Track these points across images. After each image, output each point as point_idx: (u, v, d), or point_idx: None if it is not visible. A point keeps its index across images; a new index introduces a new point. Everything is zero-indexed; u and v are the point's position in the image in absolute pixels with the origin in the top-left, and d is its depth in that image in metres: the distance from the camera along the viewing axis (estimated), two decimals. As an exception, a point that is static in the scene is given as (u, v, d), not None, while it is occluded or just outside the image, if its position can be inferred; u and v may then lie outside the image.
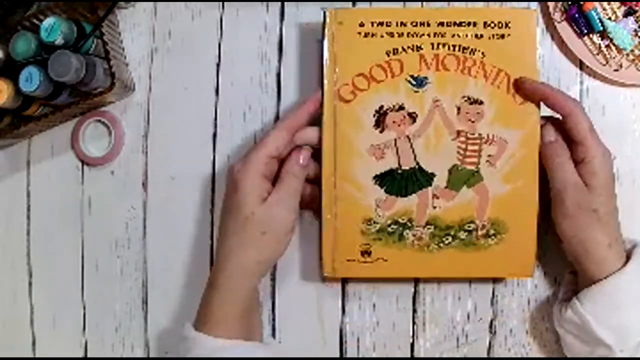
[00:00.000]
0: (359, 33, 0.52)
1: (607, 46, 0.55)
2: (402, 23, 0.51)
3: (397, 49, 0.51)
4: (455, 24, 0.51)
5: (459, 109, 0.51)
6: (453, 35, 0.51)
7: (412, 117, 0.52)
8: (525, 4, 0.57)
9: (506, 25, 0.51)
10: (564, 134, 0.51)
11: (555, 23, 0.55)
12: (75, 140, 0.61)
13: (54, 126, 0.62)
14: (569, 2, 0.55)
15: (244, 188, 0.50)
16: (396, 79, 0.52)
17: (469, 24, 0.51)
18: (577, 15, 0.54)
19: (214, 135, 0.60)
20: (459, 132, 0.52)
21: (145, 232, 0.60)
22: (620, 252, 0.49)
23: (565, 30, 0.55)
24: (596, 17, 0.54)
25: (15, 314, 0.62)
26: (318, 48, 0.55)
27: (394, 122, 0.52)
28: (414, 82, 0.52)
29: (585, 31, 0.55)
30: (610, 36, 0.54)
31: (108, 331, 0.60)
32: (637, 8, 0.54)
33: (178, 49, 0.60)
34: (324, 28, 0.52)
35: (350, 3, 0.59)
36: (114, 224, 0.61)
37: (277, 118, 0.59)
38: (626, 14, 0.55)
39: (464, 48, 0.51)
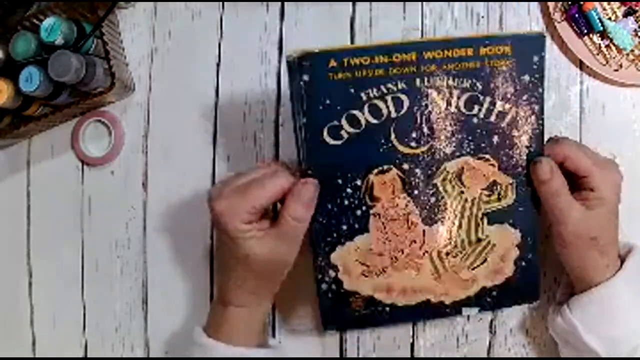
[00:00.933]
0: None
1: (607, 46, 0.55)
2: None
3: None
4: None
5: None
6: None
7: None
8: (525, 4, 0.57)
9: None
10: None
11: (555, 23, 0.55)
12: (75, 140, 0.61)
13: (54, 126, 0.62)
14: (569, 2, 0.55)
15: (233, 235, 0.45)
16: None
17: None
18: (577, 15, 0.54)
19: (214, 135, 0.60)
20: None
21: (145, 232, 0.60)
22: (614, 258, 0.49)
23: (565, 30, 0.55)
24: (596, 17, 0.54)
25: (15, 314, 0.62)
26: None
27: None
28: None
29: (585, 31, 0.55)
30: (610, 36, 0.54)
31: (108, 331, 0.60)
32: (637, 8, 0.54)
33: (178, 49, 0.60)
34: None
35: (350, 3, 0.59)
36: (114, 224, 0.61)
37: (277, 118, 0.59)
38: (626, 14, 0.55)
39: None
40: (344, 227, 0.48)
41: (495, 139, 0.47)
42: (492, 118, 0.47)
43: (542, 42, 0.46)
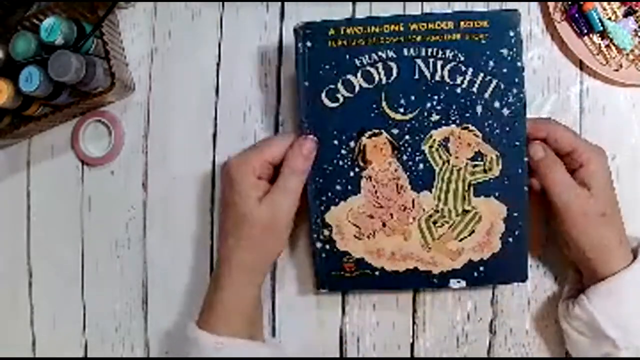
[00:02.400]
0: None
1: (607, 46, 0.55)
2: None
3: None
4: None
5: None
6: None
7: None
8: (525, 4, 0.57)
9: None
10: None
11: (555, 23, 0.55)
12: (75, 140, 0.61)
13: (54, 126, 0.62)
14: (569, 2, 0.55)
15: (239, 187, 0.50)
16: None
17: None
18: (577, 15, 0.54)
19: (214, 135, 0.60)
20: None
21: (145, 232, 0.60)
22: (628, 249, 0.49)
23: (565, 30, 0.55)
24: (596, 17, 0.54)
25: (15, 314, 0.62)
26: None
27: None
28: None
29: (585, 31, 0.55)
30: (610, 36, 0.54)
31: (108, 331, 0.61)
32: (637, 8, 0.54)
33: (178, 49, 0.60)
34: None
35: (351, 3, 0.59)
36: (114, 224, 0.61)
37: (277, 118, 0.59)
38: (626, 14, 0.55)
39: None
40: (338, 188, 0.52)
41: (479, 109, 0.50)
42: (475, 89, 0.50)
43: (516, 17, 0.49)
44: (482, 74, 0.50)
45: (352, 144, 0.51)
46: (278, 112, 0.59)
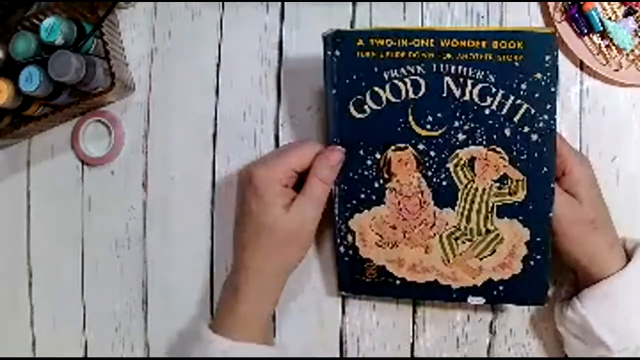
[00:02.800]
0: None
1: (607, 46, 0.55)
2: None
3: None
4: None
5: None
6: None
7: None
8: (525, 4, 0.57)
9: None
10: None
11: (555, 23, 0.55)
12: (75, 140, 0.61)
13: (54, 126, 0.62)
14: (569, 2, 0.55)
15: (266, 196, 0.49)
16: None
17: None
18: (577, 15, 0.54)
19: (214, 135, 0.60)
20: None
21: (145, 232, 0.60)
22: (621, 252, 0.49)
23: (565, 30, 0.55)
24: (596, 17, 0.54)
25: (15, 314, 0.62)
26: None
27: None
28: None
29: (585, 31, 0.55)
30: (610, 36, 0.54)
31: (108, 331, 0.61)
32: (637, 8, 0.54)
33: (178, 49, 0.60)
34: None
35: (350, 4, 0.59)
36: (114, 224, 0.61)
37: (277, 118, 0.59)
38: (626, 14, 0.55)
39: None
40: (362, 196, 0.52)
41: (507, 132, 0.49)
42: (504, 111, 0.49)
43: (552, 40, 0.47)
44: (512, 97, 0.48)
45: (377, 155, 0.51)
46: (278, 112, 0.59)
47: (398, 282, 0.53)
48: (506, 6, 0.58)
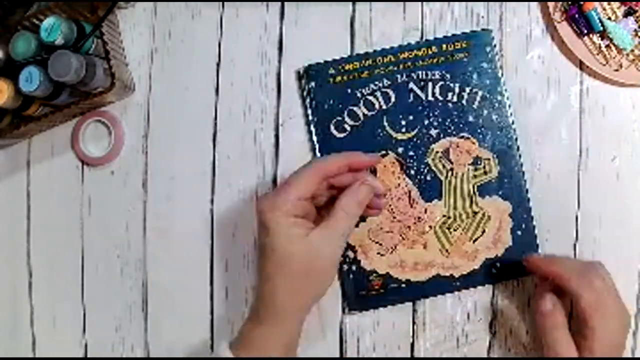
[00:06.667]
0: None
1: (607, 46, 0.55)
2: None
3: None
4: None
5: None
6: None
7: None
8: (525, 4, 0.57)
9: None
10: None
11: (555, 23, 0.55)
12: (75, 140, 0.61)
13: (54, 126, 0.62)
14: (569, 2, 0.55)
15: (274, 231, 0.47)
16: None
17: None
18: (577, 15, 0.54)
19: (214, 135, 0.60)
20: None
21: (145, 232, 0.60)
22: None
23: (565, 30, 0.55)
24: (596, 17, 0.54)
25: (15, 314, 0.62)
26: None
27: None
28: None
29: (585, 31, 0.55)
30: (610, 36, 0.54)
31: (108, 331, 0.60)
32: (637, 8, 0.55)
33: (178, 49, 0.60)
34: None
35: (350, 3, 0.59)
36: (114, 224, 0.61)
37: (277, 118, 0.59)
38: (626, 14, 0.55)
39: None
40: None
41: (471, 118, 0.56)
42: (464, 101, 0.56)
43: (489, 35, 0.56)
44: (468, 88, 0.56)
45: None
46: (278, 112, 0.59)
47: (403, 285, 0.56)
48: (506, 6, 0.58)
